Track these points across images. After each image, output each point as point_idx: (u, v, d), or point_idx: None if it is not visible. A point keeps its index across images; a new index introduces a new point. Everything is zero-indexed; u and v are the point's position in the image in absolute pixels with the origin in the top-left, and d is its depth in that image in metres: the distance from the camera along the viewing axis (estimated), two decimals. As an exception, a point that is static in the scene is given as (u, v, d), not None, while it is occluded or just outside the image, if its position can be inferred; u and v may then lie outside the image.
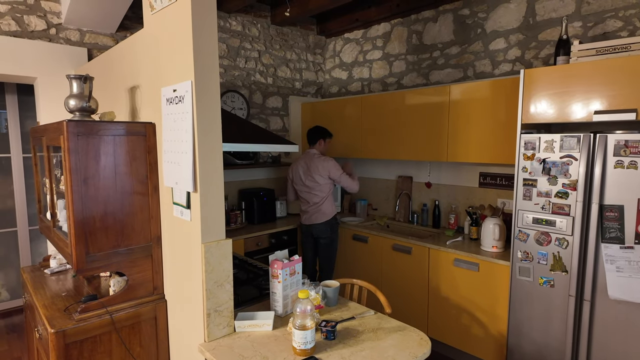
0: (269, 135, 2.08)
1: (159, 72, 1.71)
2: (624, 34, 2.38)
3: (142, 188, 1.76)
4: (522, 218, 2.22)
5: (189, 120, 1.47)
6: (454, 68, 3.24)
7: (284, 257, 1.73)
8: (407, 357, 1.39)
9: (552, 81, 2.11)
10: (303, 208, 3.20)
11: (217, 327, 1.54)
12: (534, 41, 2.77)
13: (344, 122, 3.68)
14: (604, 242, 1.94)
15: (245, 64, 3.68)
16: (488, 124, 2.67)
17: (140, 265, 1.78)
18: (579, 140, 1.99)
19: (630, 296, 1.87)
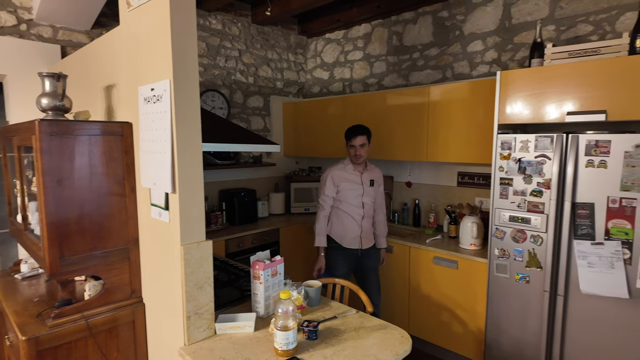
0: (250, 135, 2.07)
1: (136, 70, 1.68)
2: (594, 37, 2.47)
3: (119, 189, 1.72)
4: (499, 216, 2.27)
5: (167, 119, 1.44)
6: (433, 69, 3.29)
7: (265, 258, 1.72)
8: (388, 355, 1.41)
9: (527, 83, 2.17)
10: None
11: (197, 329, 1.52)
12: (510, 43, 2.84)
13: (326, 123, 3.68)
14: (576, 239, 2.01)
15: (226, 63, 3.64)
16: (466, 125, 2.73)
17: (118, 268, 1.73)
18: (552, 140, 2.05)
19: (601, 290, 1.94)
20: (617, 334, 1.93)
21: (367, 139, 2.56)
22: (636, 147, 1.83)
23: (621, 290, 1.89)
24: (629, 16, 2.33)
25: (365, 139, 2.55)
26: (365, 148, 2.56)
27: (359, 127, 2.57)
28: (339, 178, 2.62)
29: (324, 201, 2.64)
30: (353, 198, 2.61)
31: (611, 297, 1.92)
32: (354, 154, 2.56)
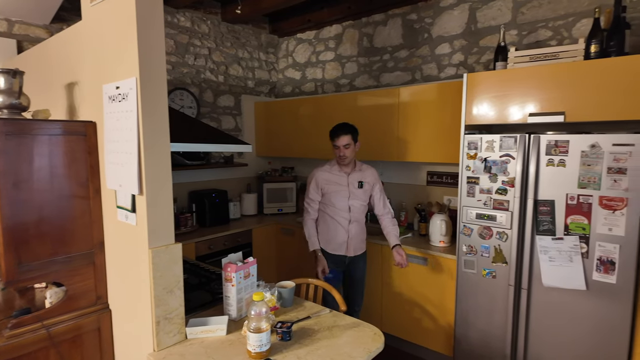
0: (221, 135, 2.04)
1: (100, 67, 1.61)
2: (553, 42, 2.59)
3: (82, 191, 1.65)
4: (466, 214, 2.35)
5: (134, 119, 1.40)
6: (402, 71, 3.35)
7: (237, 260, 1.69)
8: (361, 352, 1.42)
9: (492, 85, 2.25)
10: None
11: (167, 335, 1.47)
12: (475, 47, 2.93)
13: (298, 123, 3.68)
14: (538, 235, 2.10)
15: (195, 61, 3.56)
16: (435, 125, 2.80)
17: (82, 273, 1.66)
18: (516, 140, 2.14)
19: (561, 283, 2.04)
20: (576, 323, 2.04)
21: (351, 138, 2.41)
22: (591, 147, 1.93)
23: (579, 282, 1.99)
24: (584, 23, 2.46)
25: (350, 139, 2.40)
26: (350, 148, 2.41)
27: (342, 126, 2.42)
28: (323, 180, 2.51)
29: (308, 205, 2.55)
30: (339, 201, 2.48)
31: (570, 289, 2.03)
32: (338, 154, 2.43)
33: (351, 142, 2.41)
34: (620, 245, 1.89)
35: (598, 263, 1.95)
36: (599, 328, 1.97)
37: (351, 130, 2.41)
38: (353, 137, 2.42)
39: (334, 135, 2.42)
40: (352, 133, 2.41)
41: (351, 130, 2.41)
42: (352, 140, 2.41)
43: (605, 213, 1.92)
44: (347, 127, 2.41)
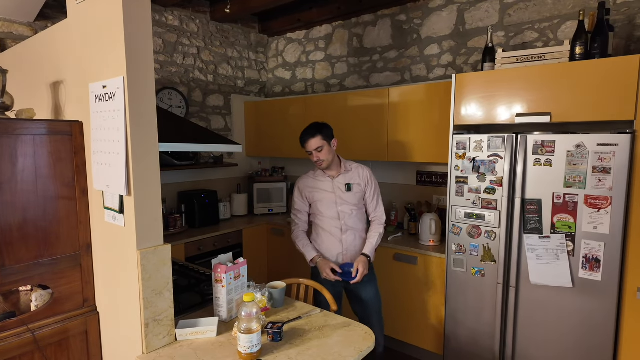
0: (210, 135, 2.02)
1: (86, 66, 1.58)
2: (539, 44, 2.64)
3: (68, 192, 1.62)
4: (455, 213, 2.37)
5: (121, 118, 1.38)
6: (392, 71, 3.37)
7: (228, 261, 1.68)
8: (352, 352, 1.43)
9: (480, 86, 2.28)
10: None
11: (156, 337, 1.46)
12: (464, 48, 2.97)
13: (289, 122, 3.67)
14: (525, 233, 2.13)
15: (184, 60, 3.53)
16: (424, 126, 2.82)
17: (68, 276, 1.63)
18: (503, 140, 2.17)
19: (548, 281, 2.08)
20: (562, 320, 2.07)
21: (322, 139, 2.12)
22: (577, 147, 1.97)
23: (565, 279, 2.03)
24: (569, 25, 2.51)
25: (320, 140, 2.11)
26: (324, 150, 2.13)
27: (308, 129, 2.14)
28: (307, 188, 2.28)
29: (295, 216, 2.33)
30: (326, 209, 2.22)
31: (557, 286, 2.06)
32: (314, 160, 2.18)
33: (323, 143, 2.12)
34: (605, 243, 1.93)
35: (584, 261, 1.99)
36: (585, 324, 2.01)
37: (319, 129, 2.12)
38: (324, 137, 2.13)
39: (302, 141, 2.16)
40: (322, 132, 2.12)
41: (319, 130, 2.12)
42: (324, 141, 2.13)
43: (590, 212, 1.96)
44: (314, 128, 2.13)
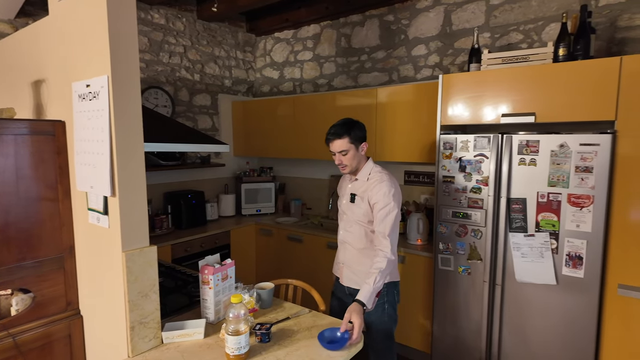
0: (197, 135, 2.00)
1: (69, 65, 1.55)
2: (524, 45, 2.68)
3: (51, 193, 1.58)
4: (442, 212, 2.39)
5: (105, 118, 1.35)
6: (380, 72, 3.38)
7: (215, 262, 1.67)
8: (341, 352, 1.43)
9: (467, 86, 2.30)
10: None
11: (142, 340, 1.43)
12: (450, 48, 3.00)
13: (277, 122, 3.66)
14: (511, 232, 2.16)
15: (170, 59, 3.48)
16: (412, 126, 2.84)
17: (51, 279, 1.60)
18: (489, 140, 2.20)
19: (533, 278, 2.11)
20: (546, 316, 2.11)
21: (349, 141, 1.81)
22: (560, 147, 2.01)
23: (550, 277, 2.06)
24: (553, 27, 2.55)
25: (347, 143, 1.81)
26: (350, 154, 1.82)
27: (336, 127, 1.84)
28: (338, 188, 2.09)
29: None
30: (339, 213, 2.04)
31: (541, 284, 2.10)
32: (336, 163, 1.88)
33: (350, 146, 1.82)
34: (587, 240, 1.97)
35: (567, 258, 2.03)
36: (568, 320, 2.05)
37: (348, 129, 1.82)
38: (352, 140, 1.82)
39: (327, 140, 1.88)
40: (350, 134, 1.81)
41: (348, 130, 1.82)
42: (351, 144, 1.82)
43: (573, 210, 1.99)
44: (343, 128, 1.82)
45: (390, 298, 1.90)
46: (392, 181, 1.83)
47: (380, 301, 1.84)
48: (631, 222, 1.89)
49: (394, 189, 1.80)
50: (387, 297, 1.89)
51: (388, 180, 1.81)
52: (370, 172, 1.88)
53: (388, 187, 1.79)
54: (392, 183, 1.81)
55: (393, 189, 1.79)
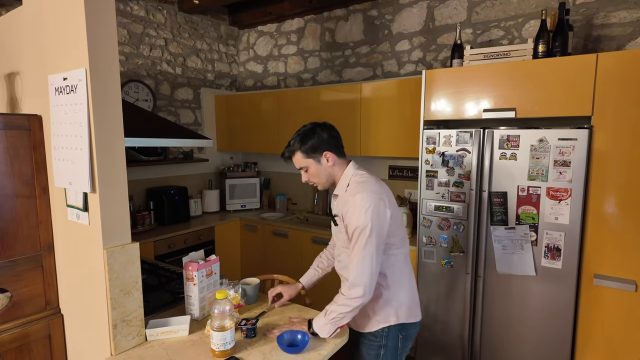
0: (179, 129, 1.97)
1: (44, 57, 1.50)
2: (505, 42, 2.72)
3: (27, 190, 1.53)
4: (426, 206, 2.42)
5: (84, 112, 1.31)
6: (364, 67, 3.39)
7: (199, 258, 1.65)
8: (326, 345, 1.44)
9: (449, 82, 2.33)
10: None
11: (125, 338, 1.41)
12: (433, 44, 3.02)
13: (261, 117, 3.63)
14: (492, 225, 2.21)
15: (150, 52, 3.41)
16: (395, 121, 2.86)
17: (28, 278, 1.55)
18: (471, 135, 2.23)
19: (513, 270, 2.17)
20: (526, 306, 2.17)
21: (304, 156, 1.49)
22: (539, 142, 2.05)
23: (529, 268, 2.12)
24: (532, 24, 2.60)
25: (302, 158, 1.49)
26: (311, 171, 1.51)
27: (290, 141, 1.52)
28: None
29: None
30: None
31: (521, 275, 2.15)
32: (303, 181, 1.58)
33: (307, 161, 1.49)
34: (565, 232, 2.03)
35: (546, 250, 2.08)
36: (547, 309, 2.11)
37: (300, 142, 1.48)
38: (307, 153, 1.48)
39: (283, 157, 1.57)
40: (301, 147, 1.48)
41: (300, 144, 1.48)
42: (307, 159, 1.49)
43: (551, 203, 2.05)
44: (295, 140, 1.50)
45: (390, 343, 1.49)
46: (371, 192, 1.39)
47: (374, 344, 1.49)
48: (606, 214, 1.96)
49: (370, 203, 1.36)
50: (387, 341, 1.48)
51: (362, 192, 1.39)
52: (348, 182, 1.48)
53: (361, 201, 1.37)
54: (369, 195, 1.37)
55: (369, 203, 1.36)
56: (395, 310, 1.48)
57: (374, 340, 1.50)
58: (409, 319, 1.51)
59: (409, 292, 1.51)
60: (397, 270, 1.49)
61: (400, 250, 1.50)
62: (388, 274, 1.47)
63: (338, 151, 1.52)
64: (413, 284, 1.55)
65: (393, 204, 1.47)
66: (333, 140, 1.51)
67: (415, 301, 1.55)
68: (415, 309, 1.55)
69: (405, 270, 1.52)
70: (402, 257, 1.51)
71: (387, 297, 1.47)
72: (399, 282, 1.49)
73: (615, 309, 1.96)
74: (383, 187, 1.48)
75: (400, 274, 1.50)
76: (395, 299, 1.48)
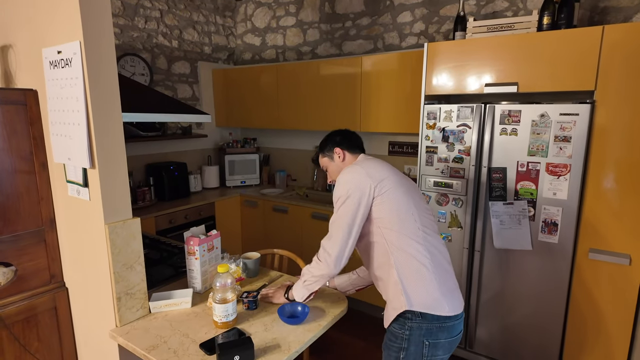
0: (177, 104, 1.94)
1: (37, 29, 1.46)
2: (509, 13, 2.65)
3: (26, 166, 1.53)
4: (425, 182, 2.43)
5: (80, 86, 1.30)
6: (365, 39, 3.31)
7: (200, 233, 1.67)
8: (326, 316, 1.47)
9: (451, 55, 2.28)
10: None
11: (129, 310, 1.45)
12: (436, 16, 2.94)
13: (260, 91, 3.58)
14: (491, 200, 2.22)
15: (145, 25, 3.32)
16: (396, 96, 2.82)
17: (32, 252, 1.57)
18: (472, 110, 2.21)
19: (511, 244, 2.20)
20: (522, 280, 2.21)
21: (323, 156, 1.62)
22: (541, 117, 2.04)
23: (526, 243, 2.15)
24: (538, -6, 2.53)
25: (323, 160, 1.63)
26: (330, 169, 1.61)
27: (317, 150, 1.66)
28: None
29: None
30: None
31: (518, 249, 2.19)
32: (329, 182, 1.68)
33: (326, 161, 1.61)
34: (562, 208, 2.05)
35: (543, 225, 2.11)
36: (542, 282, 2.15)
37: (321, 146, 1.63)
38: (325, 154, 1.61)
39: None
40: (323, 150, 1.62)
41: (321, 147, 1.63)
42: (325, 158, 1.61)
43: (550, 179, 2.06)
44: (320, 147, 1.64)
45: (413, 348, 1.33)
46: (355, 166, 1.43)
47: (394, 345, 1.36)
48: (604, 190, 1.96)
49: (349, 174, 1.39)
50: (408, 344, 1.33)
51: (347, 168, 1.43)
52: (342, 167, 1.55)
53: (342, 175, 1.42)
54: (351, 168, 1.42)
55: (348, 175, 1.39)
56: (406, 294, 1.31)
57: (394, 341, 1.36)
58: (428, 309, 1.30)
59: (425, 279, 1.33)
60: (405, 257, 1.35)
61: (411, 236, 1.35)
62: (394, 256, 1.35)
63: (350, 148, 1.56)
64: (435, 274, 1.34)
65: (386, 181, 1.38)
66: (345, 140, 1.57)
67: (441, 292, 1.33)
68: (441, 301, 1.31)
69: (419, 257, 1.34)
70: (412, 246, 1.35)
71: (395, 278, 1.34)
72: (408, 265, 1.34)
73: (608, 282, 2.01)
74: (378, 164, 1.45)
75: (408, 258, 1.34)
76: (407, 283, 1.32)
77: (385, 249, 1.36)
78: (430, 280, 1.32)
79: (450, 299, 1.35)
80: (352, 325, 2.88)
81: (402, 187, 1.41)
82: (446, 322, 1.32)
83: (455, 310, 1.34)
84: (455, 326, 1.35)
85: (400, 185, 1.41)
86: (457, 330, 1.37)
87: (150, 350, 1.27)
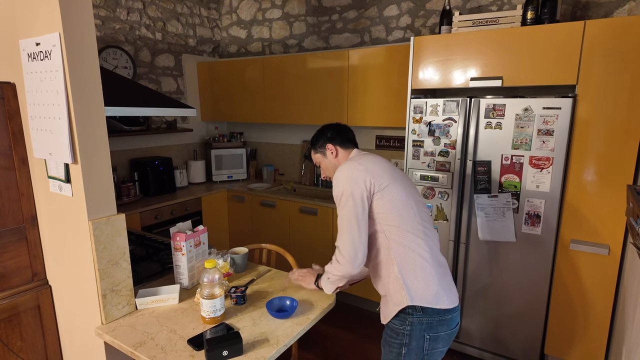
0: (161, 98, 1.91)
1: (13, 20, 1.41)
2: (494, 8, 2.67)
3: (5, 162, 1.49)
4: (412, 175, 2.45)
5: (60, 79, 1.26)
6: (351, 33, 3.30)
7: (187, 229, 1.65)
8: (315, 310, 1.48)
9: (437, 49, 2.30)
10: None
11: (115, 307, 1.43)
12: (422, 10, 2.95)
13: (245, 85, 3.54)
14: (476, 193, 2.26)
15: (128, 16, 3.24)
16: (383, 90, 2.83)
17: (12, 250, 1.54)
18: (458, 104, 2.23)
19: (495, 237, 2.24)
20: (506, 271, 2.26)
21: (315, 152, 1.61)
22: (524, 111, 2.07)
23: (510, 235, 2.19)
24: (522, -11, 2.55)
25: (313, 154, 1.62)
26: (323, 165, 1.60)
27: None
28: None
29: None
30: None
31: (502, 241, 2.23)
32: (322, 178, 1.73)
33: (319, 157, 1.60)
34: (545, 200, 2.09)
35: (526, 217, 2.15)
36: (525, 272, 2.20)
37: (313, 141, 1.61)
38: (317, 149, 1.60)
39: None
40: (315, 145, 1.60)
41: (313, 142, 1.61)
42: (317, 154, 1.61)
43: (534, 171, 2.10)
44: (311, 141, 1.63)
45: (414, 343, 1.34)
46: (352, 162, 1.41)
47: (395, 341, 1.36)
48: (585, 182, 2.01)
49: (346, 170, 1.38)
50: (409, 340, 1.34)
51: (344, 165, 1.42)
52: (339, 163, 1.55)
53: (339, 172, 1.40)
54: (347, 164, 1.41)
55: (345, 171, 1.38)
56: (407, 290, 1.32)
57: (395, 337, 1.35)
58: (429, 303, 1.31)
59: (426, 273, 1.33)
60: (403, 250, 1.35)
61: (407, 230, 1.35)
62: (395, 251, 1.35)
63: (342, 143, 1.55)
64: (435, 268, 1.36)
65: (385, 176, 1.37)
66: (337, 135, 1.55)
67: (440, 286, 1.34)
68: (440, 295, 1.33)
69: (420, 251, 1.35)
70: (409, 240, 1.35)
71: (396, 274, 1.34)
72: (409, 260, 1.34)
73: (588, 272, 2.06)
74: (375, 159, 1.43)
75: (409, 253, 1.34)
76: (408, 278, 1.33)
77: (386, 245, 1.36)
78: (430, 274, 1.34)
79: (449, 292, 1.37)
80: (341, 318, 2.90)
81: (400, 182, 1.40)
82: (446, 315, 1.34)
83: (453, 303, 1.36)
84: (453, 318, 1.38)
85: (398, 180, 1.40)
86: (456, 322, 1.40)
87: (137, 347, 1.26)
